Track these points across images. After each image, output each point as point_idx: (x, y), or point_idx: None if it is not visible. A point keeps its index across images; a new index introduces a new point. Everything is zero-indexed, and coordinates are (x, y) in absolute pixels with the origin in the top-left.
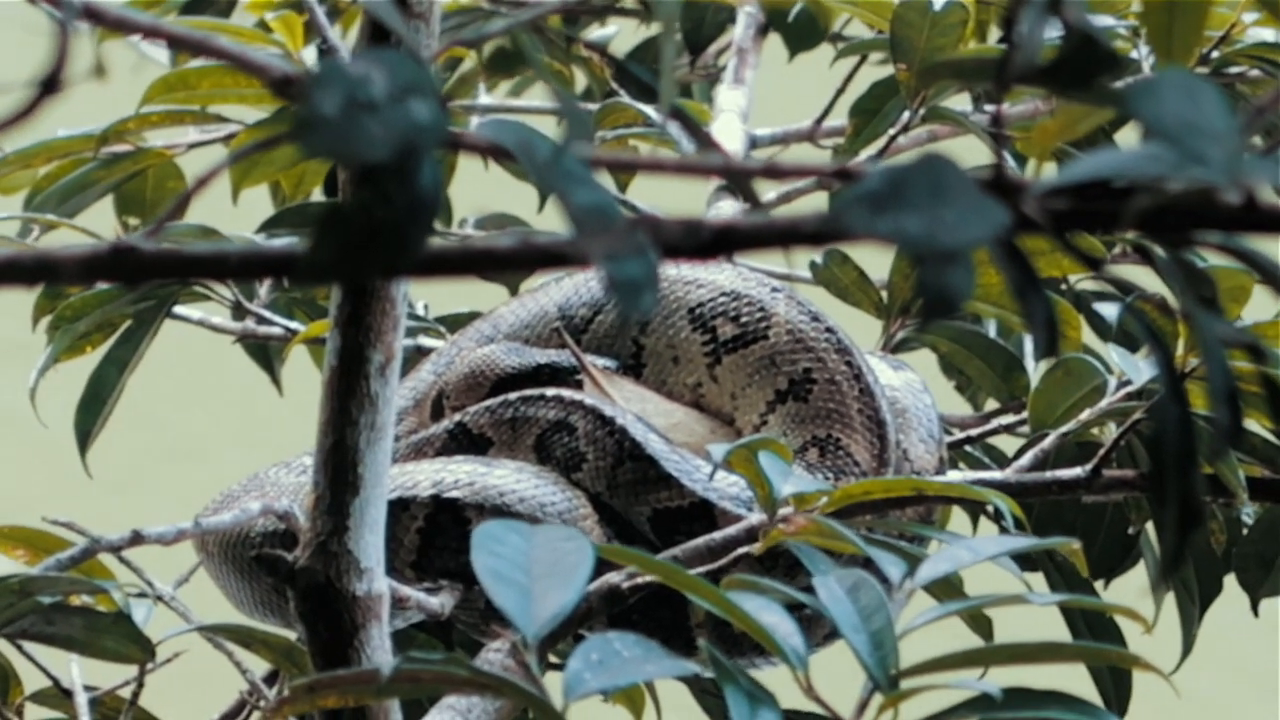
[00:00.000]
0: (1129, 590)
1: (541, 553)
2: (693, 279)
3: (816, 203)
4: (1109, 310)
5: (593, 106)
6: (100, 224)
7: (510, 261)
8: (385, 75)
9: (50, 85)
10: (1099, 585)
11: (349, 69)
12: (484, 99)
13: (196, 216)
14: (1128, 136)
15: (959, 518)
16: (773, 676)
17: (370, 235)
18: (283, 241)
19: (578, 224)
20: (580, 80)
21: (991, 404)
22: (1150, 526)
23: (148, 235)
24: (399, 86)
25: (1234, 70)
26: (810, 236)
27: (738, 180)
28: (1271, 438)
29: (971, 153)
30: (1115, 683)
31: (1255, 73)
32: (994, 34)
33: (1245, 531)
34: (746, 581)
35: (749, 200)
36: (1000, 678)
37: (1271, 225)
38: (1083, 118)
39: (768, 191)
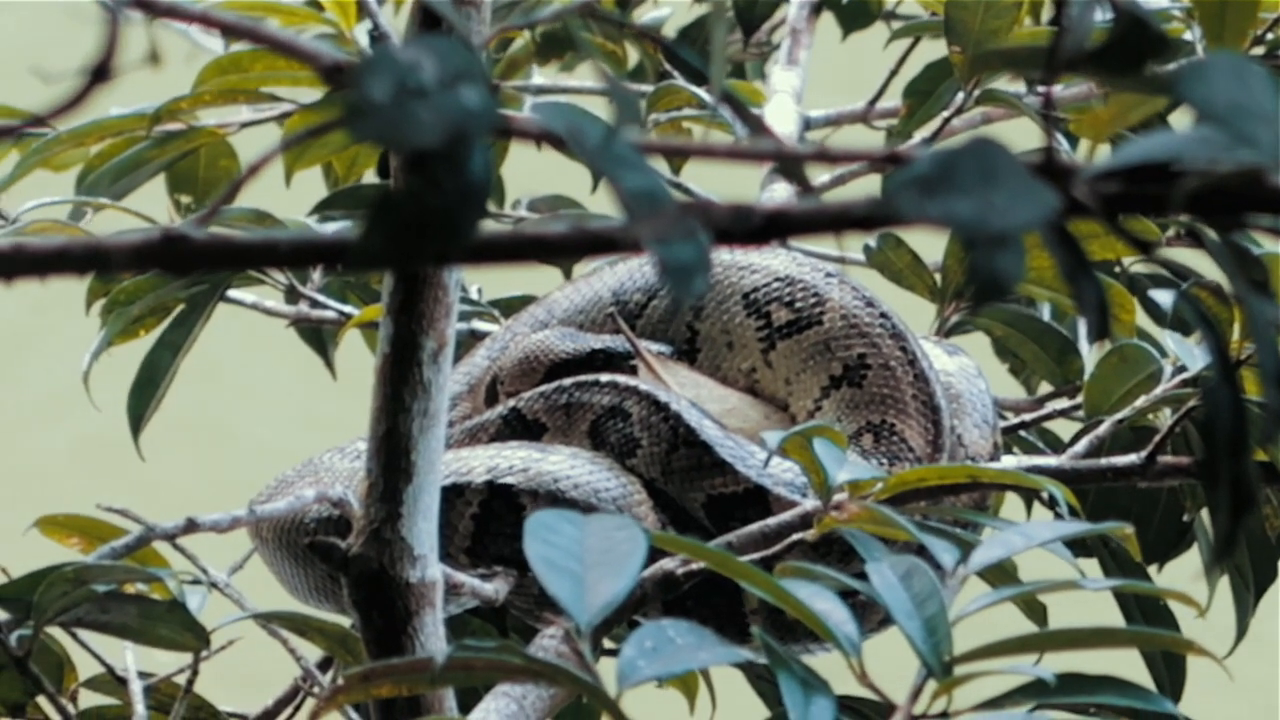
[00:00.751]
0: (1183, 575)
1: (594, 541)
2: (747, 264)
3: (870, 186)
4: (1164, 297)
5: (646, 88)
6: (152, 203)
7: (561, 248)
8: (435, 62)
9: (100, 74)
10: (1153, 570)
11: (399, 55)
12: (536, 79)
13: (250, 198)
14: (1181, 119)
15: (1013, 502)
16: (827, 663)
17: (421, 222)
18: (334, 227)
19: (628, 208)
20: (634, 57)
21: (1045, 387)
22: (1205, 512)
23: (199, 222)
24: (449, 73)
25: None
26: (860, 221)
27: (788, 165)
28: None
29: (1025, 135)
30: (1169, 668)
31: None
32: (1048, 12)
33: None
34: (800, 569)
35: (800, 185)
36: (1054, 663)
37: None
38: (1135, 105)
39: (821, 175)
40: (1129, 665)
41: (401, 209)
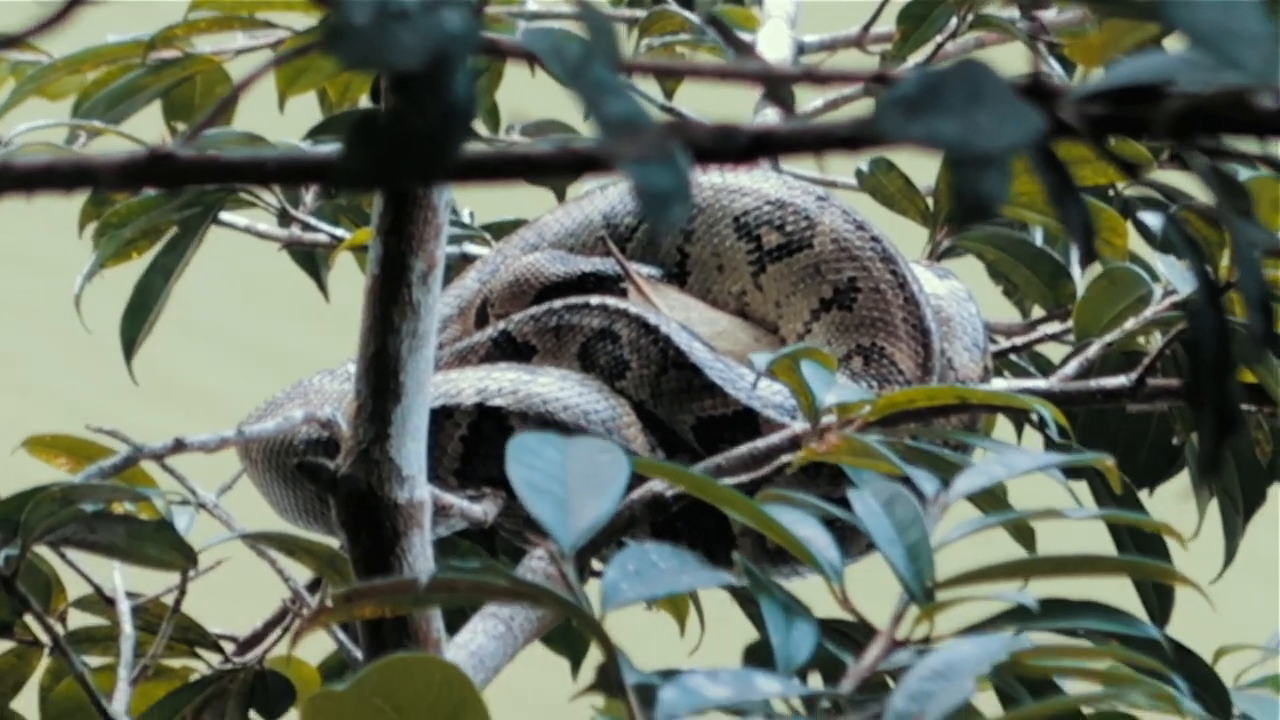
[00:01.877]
0: (1175, 501)
1: (577, 465)
2: (738, 187)
3: (863, 110)
4: (1153, 219)
5: (640, 13)
6: (148, 130)
7: (546, 167)
8: None
9: None
10: (1144, 494)
11: None
12: (531, 4)
13: (245, 125)
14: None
15: (1005, 427)
16: (810, 586)
17: (404, 143)
18: (323, 148)
19: (608, 131)
20: None
21: (1038, 311)
22: (1195, 437)
23: (186, 141)
24: None
25: None
26: (845, 141)
27: (774, 86)
28: None
29: (1019, 60)
30: (1158, 595)
31: None
32: None
33: None
34: (782, 495)
35: (784, 106)
36: (1042, 591)
37: None
38: (1128, 31)
39: (814, 99)
40: (1118, 591)
41: (385, 130)
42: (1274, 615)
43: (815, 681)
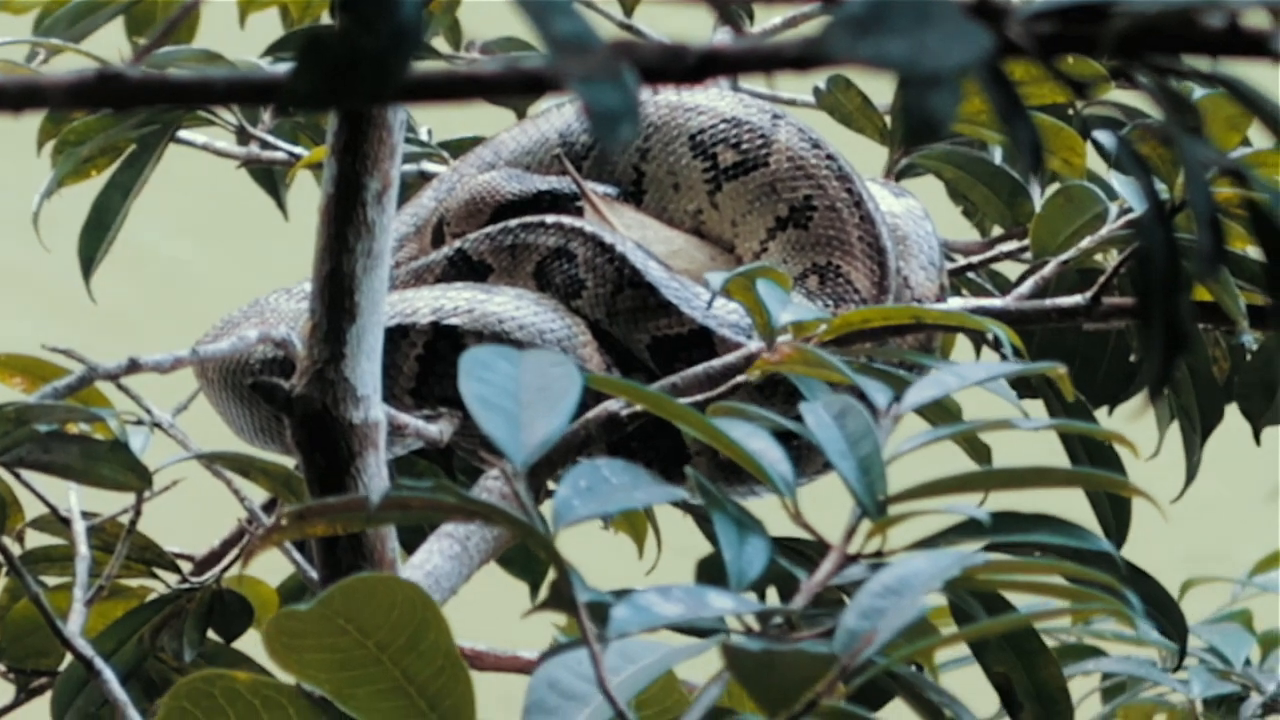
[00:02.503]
0: (1132, 421)
1: (530, 378)
2: (694, 106)
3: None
4: (1107, 138)
5: None
6: (110, 49)
7: (493, 87)
8: None
9: None
10: (1102, 415)
11: None
12: None
13: (207, 43)
14: None
15: (964, 346)
16: (766, 505)
17: (352, 63)
18: (280, 66)
19: (556, 50)
20: None
21: (997, 230)
22: None
23: (137, 58)
24: None
25: None
26: (793, 61)
27: (722, 4)
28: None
29: None
30: (1115, 511)
31: None
32: None
33: (1248, 359)
34: (735, 409)
35: (732, 25)
36: (997, 505)
37: (1253, 49)
38: None
39: (772, 17)
40: (1076, 511)
41: (333, 50)
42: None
43: (769, 598)
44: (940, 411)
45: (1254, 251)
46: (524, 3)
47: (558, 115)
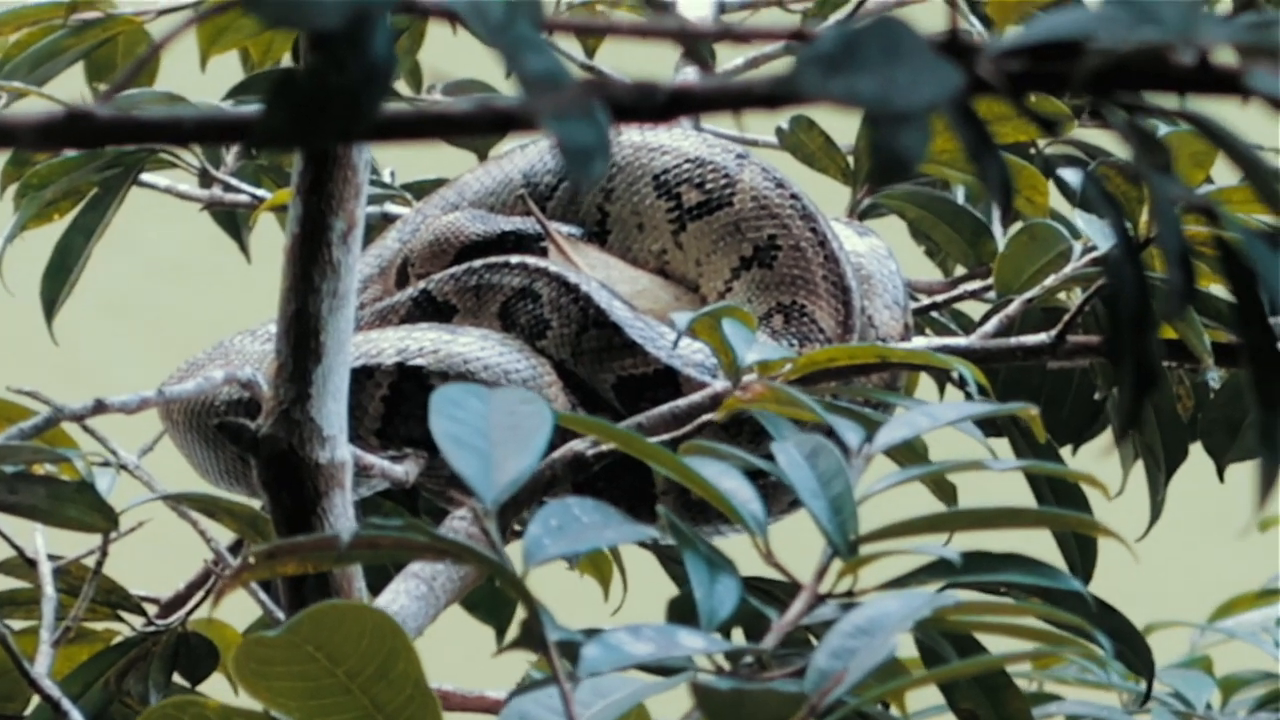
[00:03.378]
0: (1099, 459)
1: (500, 417)
2: (658, 146)
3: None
4: (1072, 176)
5: None
6: (70, 92)
7: (464, 125)
8: None
9: None
10: (1066, 452)
11: None
12: None
13: (167, 86)
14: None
15: (927, 385)
16: (736, 544)
17: (323, 101)
18: (244, 108)
19: (528, 88)
20: None
21: (961, 270)
22: (1115, 393)
23: (104, 98)
24: None
25: None
26: (763, 99)
27: (692, 44)
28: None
29: (940, 18)
30: (1080, 550)
31: None
32: None
33: (1211, 397)
34: (706, 447)
35: (702, 64)
36: (965, 545)
37: (1223, 86)
38: None
39: (735, 57)
40: (1043, 549)
41: (303, 88)
42: (1200, 584)
43: (738, 637)
44: (907, 451)
45: (1218, 289)
46: (496, 39)
47: (521, 156)
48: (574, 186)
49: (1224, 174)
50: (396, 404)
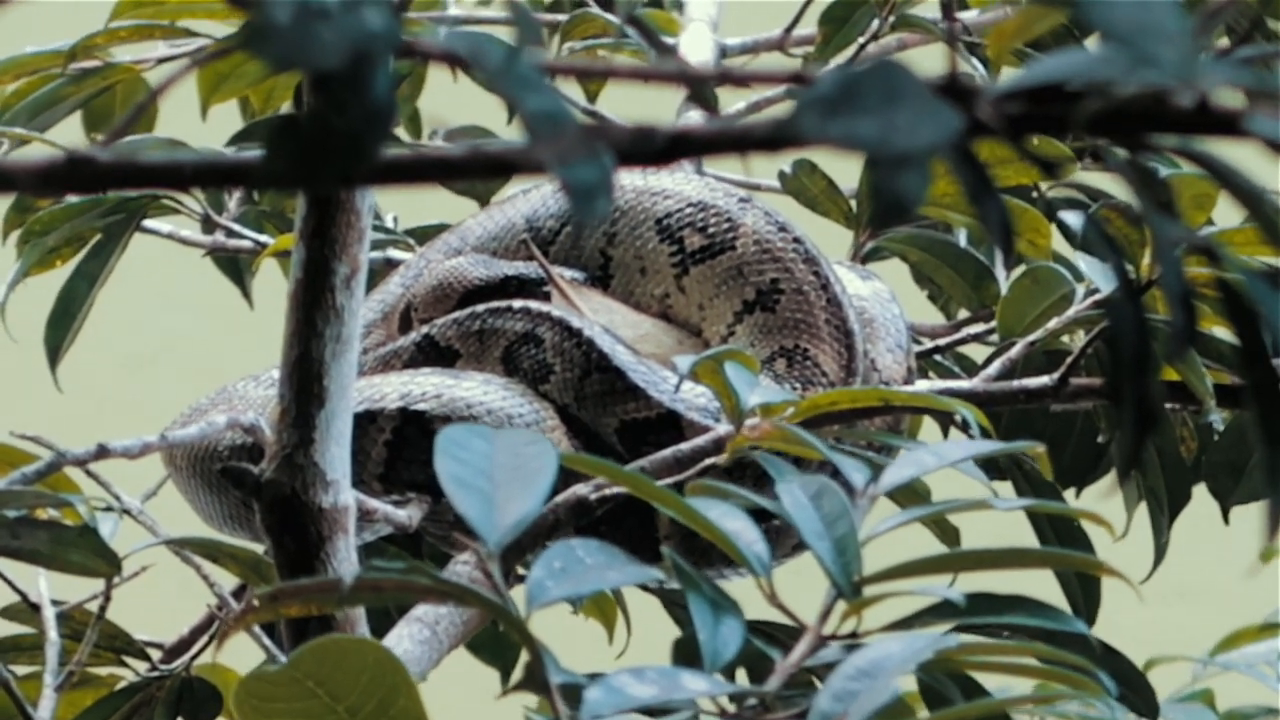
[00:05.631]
0: (1102, 501)
1: (504, 458)
2: (660, 190)
3: (780, 114)
4: (1074, 218)
5: (562, 17)
6: (69, 141)
7: (465, 169)
8: None
9: None
10: (1070, 495)
11: None
12: (453, 10)
13: (167, 134)
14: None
15: (930, 429)
16: (740, 587)
17: (325, 143)
18: (243, 153)
19: (531, 130)
20: None
21: (964, 313)
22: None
23: (104, 144)
24: None
25: None
26: (764, 142)
27: (694, 87)
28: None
29: (941, 61)
30: (1084, 590)
31: None
32: None
33: (1215, 439)
34: (711, 488)
35: (706, 107)
36: (968, 585)
37: (1223, 128)
38: (1039, 19)
39: (737, 102)
40: (1045, 590)
41: (305, 130)
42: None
43: (741, 679)
44: (909, 492)
45: (1220, 331)
46: (497, 81)
47: (523, 201)
48: (578, 226)
49: (1225, 216)
50: (399, 449)
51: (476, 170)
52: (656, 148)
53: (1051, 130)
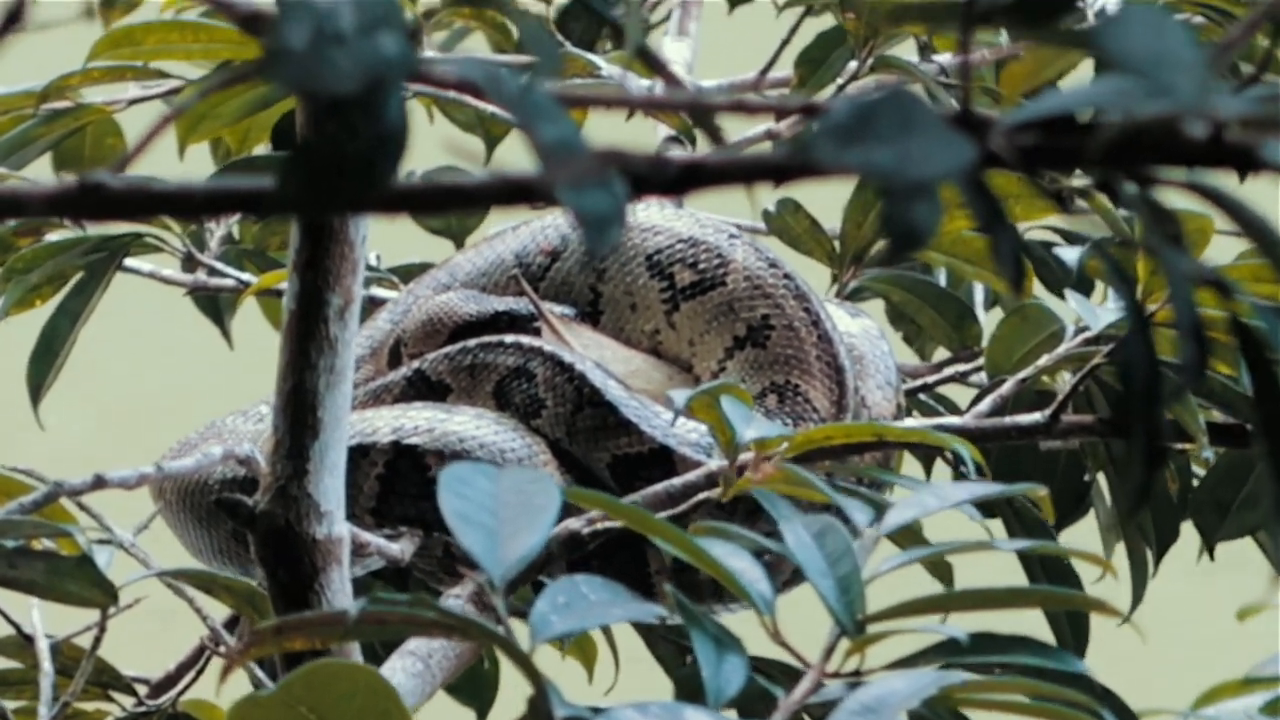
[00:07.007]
0: (1081, 537)
1: (508, 495)
2: (650, 226)
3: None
4: (1070, 254)
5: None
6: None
7: (478, 196)
8: (353, 8)
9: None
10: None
11: (317, 2)
12: (426, 53)
13: (143, 174)
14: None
15: (911, 465)
16: (736, 623)
17: (337, 169)
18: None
19: (545, 157)
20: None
21: (941, 354)
22: (1102, 476)
23: (112, 172)
24: (367, 20)
25: (1179, 18)
26: (777, 171)
27: (703, 116)
28: (1230, 383)
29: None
30: (1073, 628)
31: (1198, 19)
32: None
33: (1202, 476)
34: (713, 528)
35: (713, 136)
36: (961, 623)
37: (1236, 160)
38: (1051, 60)
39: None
40: (1032, 626)
41: (318, 156)
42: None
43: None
44: (907, 532)
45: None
46: (514, 109)
47: (513, 237)
48: (587, 255)
49: (1220, 253)
50: (392, 482)
51: (489, 197)
52: (670, 177)
53: (1065, 162)
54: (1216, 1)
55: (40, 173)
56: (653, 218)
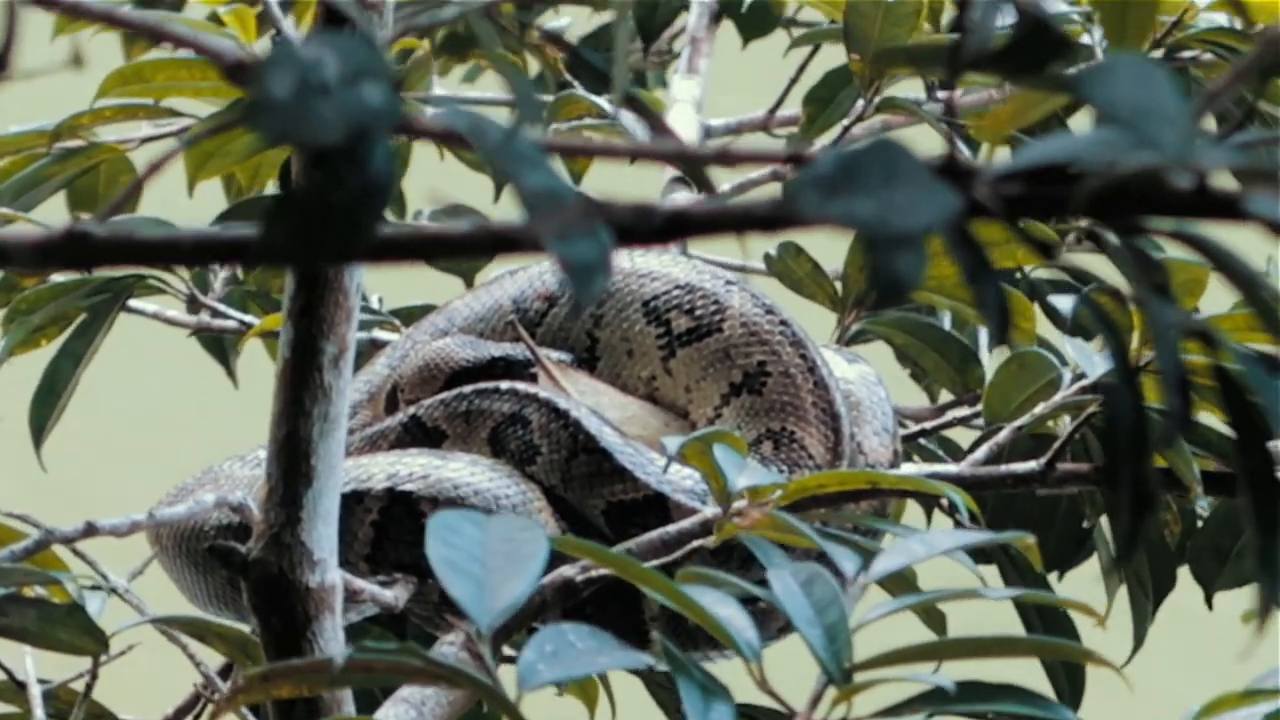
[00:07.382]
0: (1083, 584)
1: (496, 543)
2: (647, 272)
3: (772, 194)
4: (1064, 302)
5: (547, 98)
6: (53, 220)
7: (463, 246)
8: (337, 58)
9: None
10: (1052, 578)
11: (301, 52)
12: (437, 90)
13: (151, 211)
14: (1081, 123)
15: (913, 511)
16: (726, 670)
17: (323, 219)
18: (238, 229)
19: (530, 206)
20: (534, 67)
21: (946, 396)
22: (1104, 521)
23: (99, 220)
24: (351, 70)
25: (1187, 55)
26: (763, 221)
27: (691, 166)
28: (1226, 430)
29: (925, 142)
30: (1069, 677)
31: (1208, 56)
32: (947, 20)
33: (1200, 524)
34: (701, 575)
35: (702, 186)
36: (954, 672)
37: (1222, 210)
38: (1035, 104)
39: (723, 182)
40: (1028, 674)
41: (303, 205)
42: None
43: None
44: (898, 579)
45: (1206, 417)
46: (498, 158)
47: (510, 282)
48: (574, 304)
49: (1213, 304)
50: (386, 529)
51: (474, 247)
52: (655, 226)
53: (1050, 212)
54: (1224, 39)
55: (54, 211)
56: (650, 263)
